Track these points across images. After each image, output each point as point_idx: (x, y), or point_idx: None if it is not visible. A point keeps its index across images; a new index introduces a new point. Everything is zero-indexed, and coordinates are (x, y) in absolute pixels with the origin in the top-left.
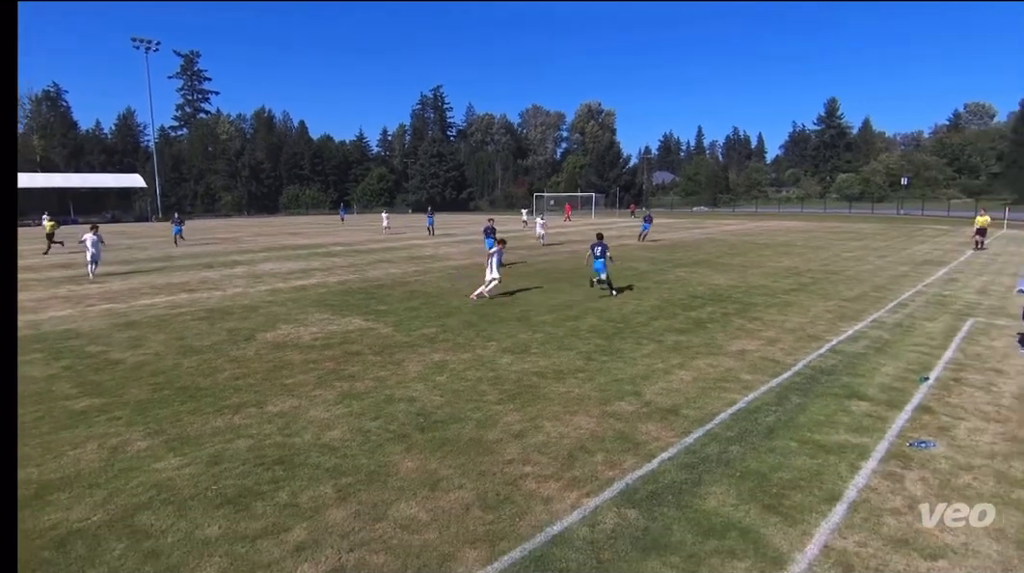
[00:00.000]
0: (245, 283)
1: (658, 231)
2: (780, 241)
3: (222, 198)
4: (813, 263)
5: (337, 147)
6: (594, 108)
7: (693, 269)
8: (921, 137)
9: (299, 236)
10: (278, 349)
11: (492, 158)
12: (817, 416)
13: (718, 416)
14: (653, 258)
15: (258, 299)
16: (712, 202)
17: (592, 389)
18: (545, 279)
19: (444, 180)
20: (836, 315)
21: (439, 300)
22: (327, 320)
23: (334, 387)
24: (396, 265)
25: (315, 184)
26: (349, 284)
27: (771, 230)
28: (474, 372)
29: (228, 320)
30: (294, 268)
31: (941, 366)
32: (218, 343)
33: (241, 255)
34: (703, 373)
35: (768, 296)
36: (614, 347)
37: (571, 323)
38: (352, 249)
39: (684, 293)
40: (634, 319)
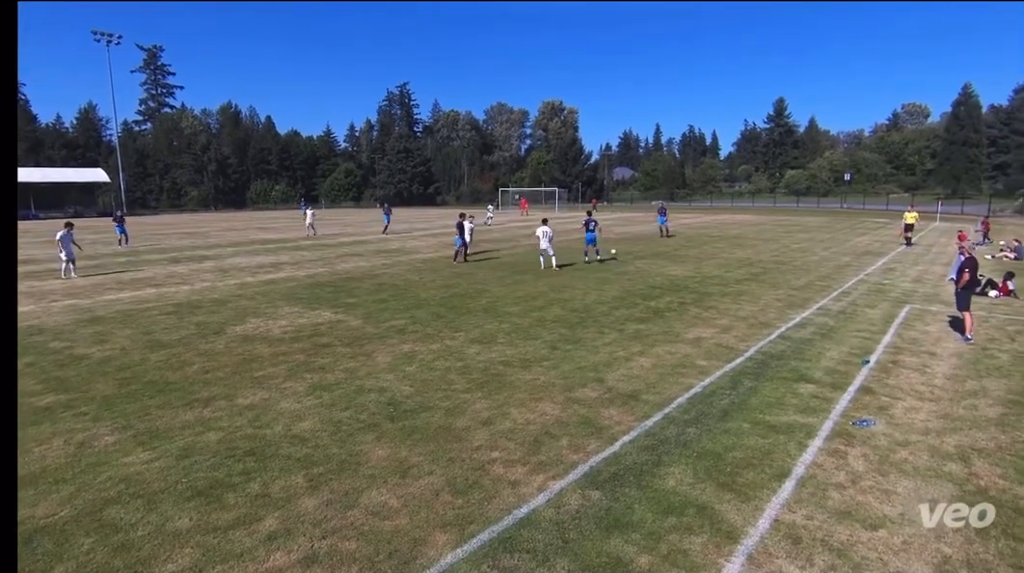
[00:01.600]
0: (213, 277)
1: (618, 224)
2: (733, 234)
3: (188, 193)
4: (764, 254)
5: (305, 142)
6: (556, 106)
7: (652, 261)
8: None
9: (268, 231)
10: (248, 342)
11: (458, 154)
12: (768, 398)
13: (676, 400)
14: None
15: (227, 293)
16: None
17: (557, 377)
18: (511, 271)
19: (411, 175)
20: (785, 303)
21: (408, 292)
22: (297, 313)
23: (304, 379)
24: (365, 258)
25: (283, 179)
26: (318, 277)
27: (724, 223)
28: (443, 362)
29: (197, 314)
30: (263, 262)
31: (881, 350)
32: (187, 337)
33: (209, 250)
34: (662, 360)
35: (722, 286)
36: (577, 336)
37: (536, 314)
38: (321, 243)
39: (644, 284)
40: (596, 309)
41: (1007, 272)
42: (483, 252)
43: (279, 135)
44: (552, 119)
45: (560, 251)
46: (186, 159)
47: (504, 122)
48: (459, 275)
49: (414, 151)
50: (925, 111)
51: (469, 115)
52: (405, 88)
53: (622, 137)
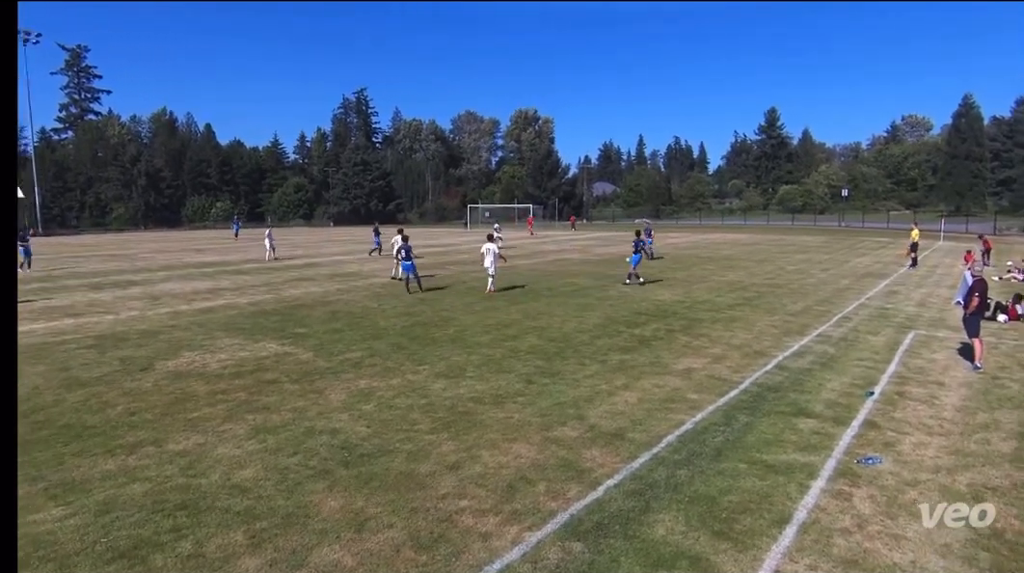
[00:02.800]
0: (142, 305)
1: (599, 244)
2: (724, 254)
3: (114, 210)
4: (757, 277)
5: (249, 154)
6: (530, 115)
7: (636, 284)
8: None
9: (205, 252)
10: (180, 379)
11: (422, 167)
12: (765, 435)
13: (665, 438)
14: (594, 272)
15: (157, 323)
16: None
17: (533, 414)
18: (481, 297)
19: (369, 190)
20: (781, 330)
21: (364, 321)
22: (238, 345)
23: (246, 420)
24: (316, 283)
25: (224, 194)
26: (263, 305)
27: (715, 243)
28: (404, 399)
29: (122, 347)
30: (199, 288)
31: (885, 380)
32: (109, 374)
33: (137, 274)
34: (649, 394)
35: (713, 312)
36: (555, 368)
37: (509, 343)
38: (266, 266)
39: (628, 310)
40: (576, 338)
41: (1015, 295)
42: (449, 276)
43: (220, 146)
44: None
45: (537, 275)
46: (112, 172)
47: (473, 132)
48: (423, 301)
49: (372, 164)
50: (927, 124)
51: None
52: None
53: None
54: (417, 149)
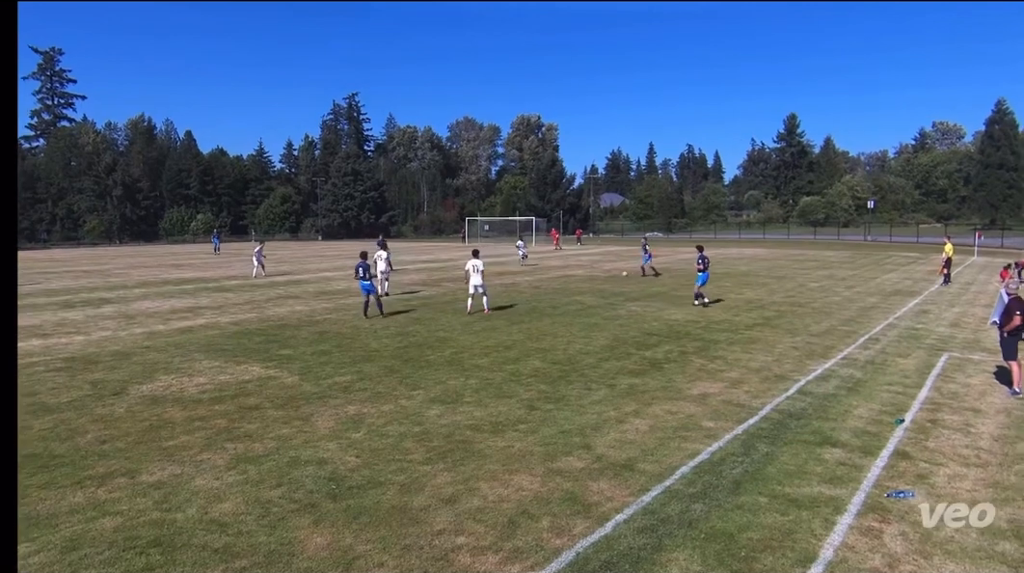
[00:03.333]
0: (115, 325)
1: (607, 259)
2: (741, 270)
3: (88, 222)
4: (777, 294)
5: (232, 163)
6: (533, 122)
7: (647, 302)
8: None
9: (184, 268)
10: (156, 405)
11: (417, 177)
12: (787, 466)
13: (679, 470)
14: (602, 290)
15: (132, 344)
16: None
17: (535, 443)
18: (479, 315)
19: (360, 202)
20: (804, 352)
21: (354, 342)
22: (218, 368)
23: (226, 450)
24: (303, 301)
25: (205, 206)
26: (246, 324)
27: (731, 258)
28: (397, 427)
29: (93, 370)
30: (177, 306)
31: (917, 406)
32: (79, 399)
33: (111, 291)
34: (661, 421)
35: (730, 332)
36: (560, 393)
37: (510, 366)
38: (249, 284)
39: (638, 330)
40: (582, 361)
41: None
42: (445, 294)
43: (201, 154)
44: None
45: (540, 293)
46: (86, 182)
47: (471, 140)
48: (416, 321)
49: (364, 173)
50: (958, 131)
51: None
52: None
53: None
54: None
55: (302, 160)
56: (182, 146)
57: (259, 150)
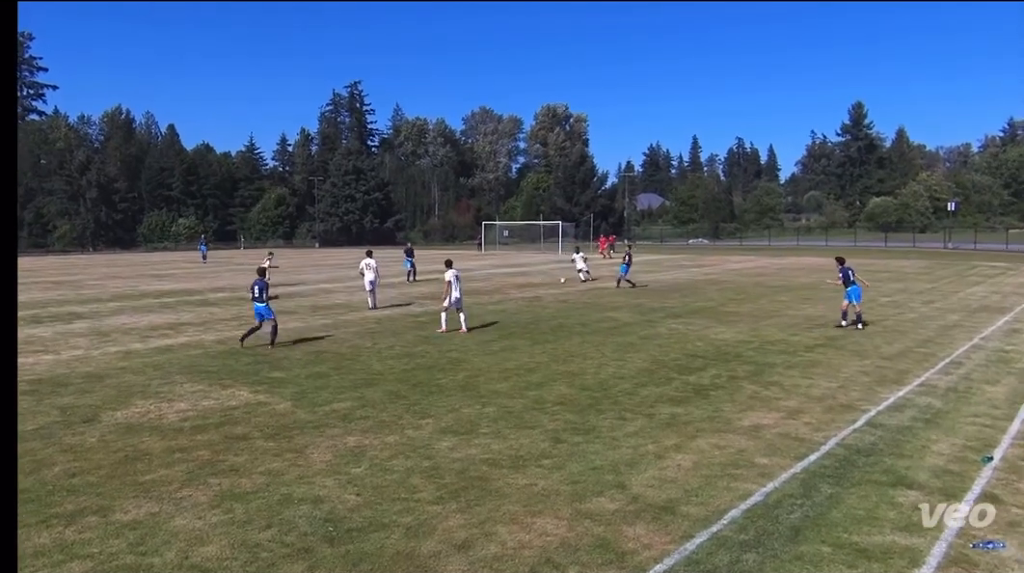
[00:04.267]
0: (88, 343)
1: (646, 270)
2: (801, 282)
3: (58, 228)
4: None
5: (219, 160)
6: (559, 112)
7: (690, 319)
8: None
9: (165, 279)
10: (131, 434)
11: (427, 175)
12: (855, 511)
13: (728, 513)
14: (639, 305)
15: (105, 365)
16: (713, 233)
17: (561, 481)
18: (498, 333)
19: (363, 204)
20: (874, 378)
21: (355, 364)
22: (201, 392)
23: (209, 485)
24: (297, 317)
25: (189, 209)
26: (233, 343)
27: (789, 268)
28: (403, 461)
29: (62, 394)
30: (157, 322)
31: (1007, 442)
32: (47, 426)
33: (83, 305)
34: (707, 457)
35: (788, 354)
36: (590, 424)
37: (533, 392)
38: (237, 296)
39: (680, 351)
40: (615, 386)
41: None
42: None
43: (185, 150)
44: (553, 130)
45: (567, 308)
46: (57, 182)
47: (489, 133)
48: (426, 340)
49: (367, 171)
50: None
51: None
52: (356, 89)
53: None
54: (421, 154)
55: (298, 157)
56: (164, 142)
57: (249, 146)
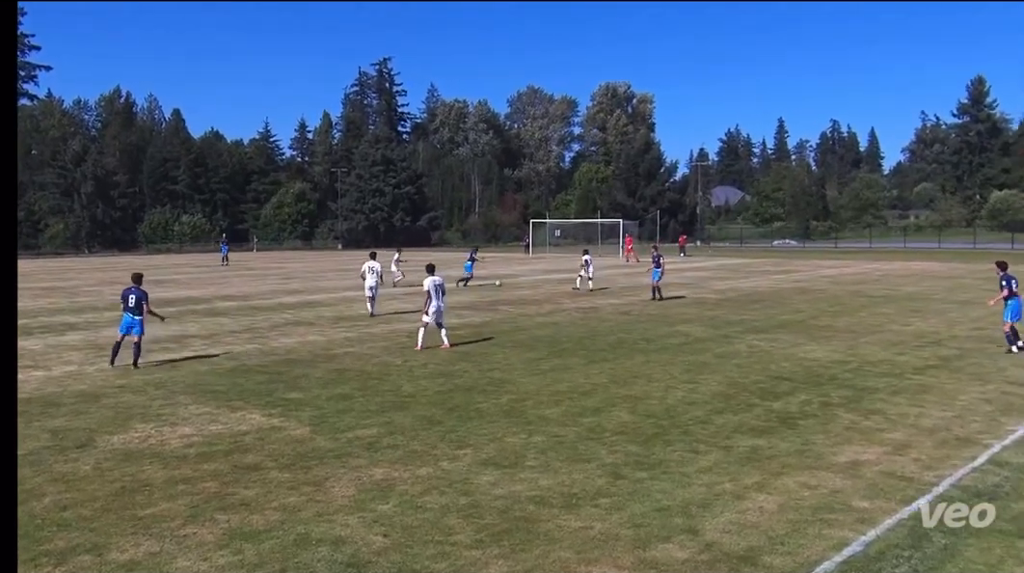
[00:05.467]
0: (82, 358)
1: (721, 276)
2: (908, 292)
3: (50, 227)
4: (960, 326)
5: (230, 150)
6: (621, 92)
7: (775, 335)
8: None
9: (168, 285)
10: (130, 461)
11: (467, 166)
12: (975, 565)
13: (820, 566)
14: (713, 318)
15: (101, 382)
16: (802, 232)
17: (622, 523)
18: (548, 350)
19: (393, 199)
20: (999, 406)
21: (383, 384)
22: (208, 415)
23: (216, 522)
24: (317, 329)
25: (195, 205)
26: (244, 359)
27: (894, 275)
28: (437, 497)
29: (53, 416)
30: (159, 334)
31: None
32: (36, 452)
33: (77, 315)
34: (794, 498)
35: (892, 377)
36: (655, 457)
37: (589, 419)
38: (249, 304)
39: (762, 373)
40: (685, 413)
41: None
42: (504, 321)
43: (191, 139)
44: (613, 112)
45: (629, 320)
46: (49, 175)
47: (538, 117)
48: (465, 357)
49: (398, 162)
50: None
51: (484, 107)
52: (385, 67)
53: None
54: (460, 141)
55: (319, 146)
56: (168, 129)
57: (264, 133)
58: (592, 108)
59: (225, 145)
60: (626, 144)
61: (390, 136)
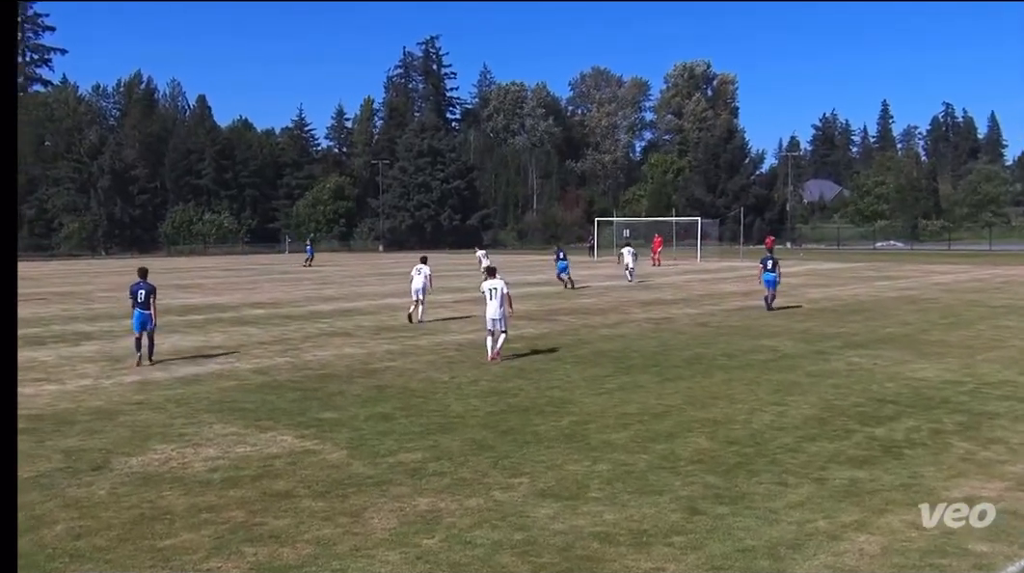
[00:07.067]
0: (98, 370)
1: (815, 282)
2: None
3: (65, 226)
4: None
5: (260, 140)
6: (699, 73)
7: (877, 351)
8: None
9: (192, 290)
10: (149, 486)
11: (523, 157)
12: None
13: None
14: (805, 331)
15: (119, 398)
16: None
17: (699, 565)
18: (614, 366)
19: (440, 195)
20: None
21: (428, 402)
22: (234, 436)
23: (243, 555)
24: (355, 340)
25: (222, 203)
26: (274, 373)
27: (1018, 282)
28: (488, 531)
29: (67, 434)
30: (181, 345)
31: None
32: (48, 474)
33: (92, 323)
34: (900, 539)
35: (1016, 401)
36: (738, 490)
37: (661, 446)
38: (281, 312)
39: (863, 394)
40: (773, 440)
41: None
42: (564, 332)
43: (218, 128)
44: (691, 96)
45: (708, 333)
46: (64, 169)
47: (605, 102)
48: (520, 373)
49: (446, 153)
50: None
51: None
52: (433, 46)
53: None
54: (516, 129)
55: (358, 135)
56: (192, 118)
57: (298, 121)
58: (666, 91)
59: (255, 135)
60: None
61: (437, 124)
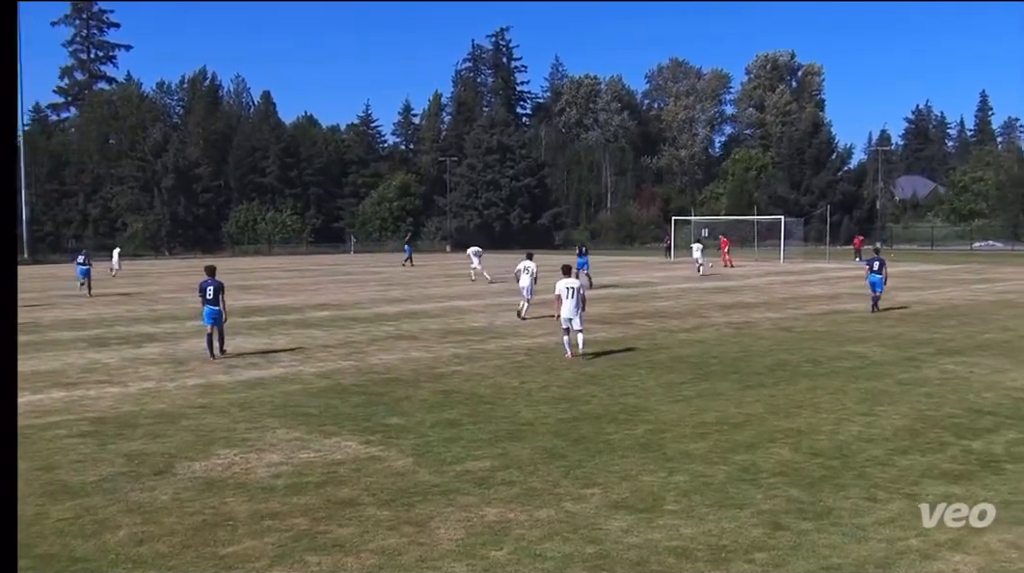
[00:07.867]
0: (160, 373)
1: (907, 285)
2: None
3: (129, 225)
4: None
5: (326, 137)
6: (783, 64)
7: (974, 358)
8: None
9: (255, 292)
10: (212, 491)
11: (597, 153)
12: None
13: None
14: (895, 336)
15: (182, 401)
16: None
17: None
18: (692, 373)
19: (510, 193)
20: None
21: (497, 409)
22: (298, 441)
23: (307, 565)
24: (422, 344)
25: (286, 200)
26: (339, 377)
27: None
28: (559, 544)
29: (129, 437)
30: (244, 347)
31: None
32: (111, 478)
33: (156, 325)
34: (999, 560)
35: None
36: (824, 505)
37: (742, 457)
38: (345, 314)
39: (958, 404)
40: (861, 452)
41: None
42: (640, 337)
43: (282, 125)
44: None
45: (793, 338)
46: (128, 168)
47: (683, 95)
48: (593, 379)
49: (516, 149)
50: None
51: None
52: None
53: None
54: (590, 124)
55: (425, 132)
56: (257, 115)
57: (364, 117)
58: (748, 83)
59: (320, 132)
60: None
61: (507, 119)
